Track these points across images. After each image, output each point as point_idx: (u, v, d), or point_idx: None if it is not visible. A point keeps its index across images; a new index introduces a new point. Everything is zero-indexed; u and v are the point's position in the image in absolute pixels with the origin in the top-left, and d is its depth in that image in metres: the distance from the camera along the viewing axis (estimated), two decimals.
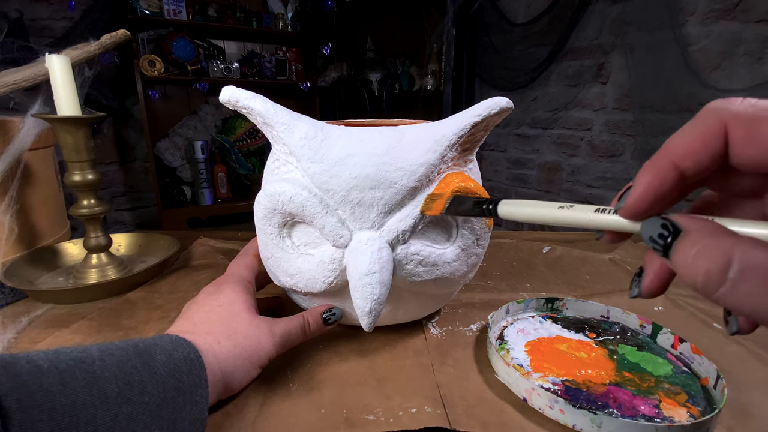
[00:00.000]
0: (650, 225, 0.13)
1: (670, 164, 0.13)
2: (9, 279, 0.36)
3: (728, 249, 0.11)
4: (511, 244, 0.54)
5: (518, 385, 0.25)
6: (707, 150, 0.13)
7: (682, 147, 0.13)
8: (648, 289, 0.14)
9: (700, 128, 0.13)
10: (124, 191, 1.77)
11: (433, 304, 0.32)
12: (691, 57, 1.03)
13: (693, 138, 0.13)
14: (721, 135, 0.12)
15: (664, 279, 0.14)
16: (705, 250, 0.11)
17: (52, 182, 0.47)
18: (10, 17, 1.30)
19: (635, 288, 0.14)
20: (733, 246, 0.11)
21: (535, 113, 1.54)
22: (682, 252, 0.12)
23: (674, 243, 0.12)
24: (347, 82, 2.02)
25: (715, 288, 0.11)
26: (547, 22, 1.41)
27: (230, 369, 0.23)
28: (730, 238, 0.11)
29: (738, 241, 0.11)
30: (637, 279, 0.15)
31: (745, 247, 0.10)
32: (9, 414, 0.14)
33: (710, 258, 0.11)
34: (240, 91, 0.25)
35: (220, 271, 0.31)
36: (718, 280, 0.11)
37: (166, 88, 1.78)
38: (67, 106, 0.35)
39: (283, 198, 0.24)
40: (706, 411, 0.23)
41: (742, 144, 0.12)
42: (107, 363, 0.18)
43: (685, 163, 0.13)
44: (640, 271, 0.14)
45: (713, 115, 0.13)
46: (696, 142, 0.13)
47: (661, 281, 0.14)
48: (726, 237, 0.11)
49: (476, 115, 0.24)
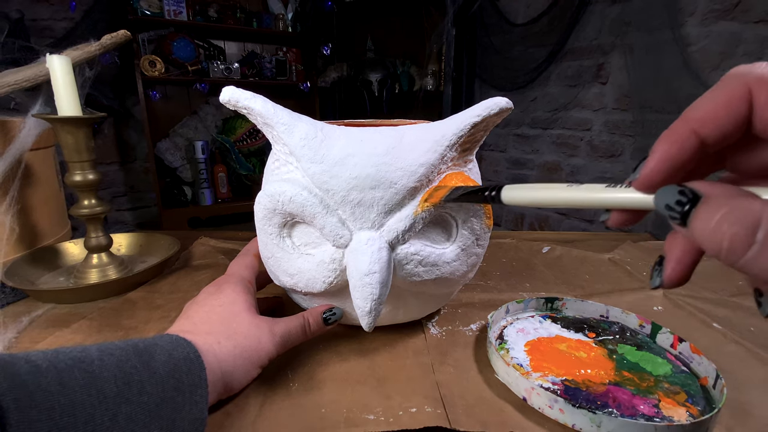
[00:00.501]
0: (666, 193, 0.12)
1: (689, 131, 0.12)
2: (10, 279, 0.36)
3: (755, 211, 0.10)
4: (511, 244, 0.54)
5: (518, 385, 0.25)
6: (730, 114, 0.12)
7: (703, 112, 0.12)
8: (670, 278, 0.13)
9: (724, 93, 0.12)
10: (125, 191, 1.78)
11: (433, 304, 0.32)
12: (690, 57, 1.03)
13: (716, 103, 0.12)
14: (745, 99, 0.12)
15: (687, 266, 0.13)
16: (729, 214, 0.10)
17: (52, 182, 0.47)
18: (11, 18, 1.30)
19: (656, 278, 0.13)
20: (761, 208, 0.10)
21: (534, 113, 1.54)
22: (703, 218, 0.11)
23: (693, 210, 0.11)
24: (347, 83, 2.02)
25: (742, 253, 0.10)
26: (547, 22, 1.41)
27: (230, 369, 0.23)
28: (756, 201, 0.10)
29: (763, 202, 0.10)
30: (658, 268, 0.13)
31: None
32: (7, 414, 0.14)
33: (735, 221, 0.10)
34: (240, 91, 0.25)
35: (221, 271, 0.31)
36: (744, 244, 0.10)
37: (166, 88, 1.78)
38: (68, 107, 0.36)
39: (284, 198, 0.24)
40: (705, 410, 0.23)
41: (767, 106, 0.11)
42: (106, 363, 0.18)
43: (705, 129, 0.12)
44: (660, 260, 0.13)
45: (737, 79, 0.12)
46: (719, 106, 0.12)
47: (684, 268, 0.13)
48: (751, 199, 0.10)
49: (476, 116, 0.24)
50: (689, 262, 0.13)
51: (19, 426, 0.14)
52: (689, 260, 0.13)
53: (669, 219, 0.12)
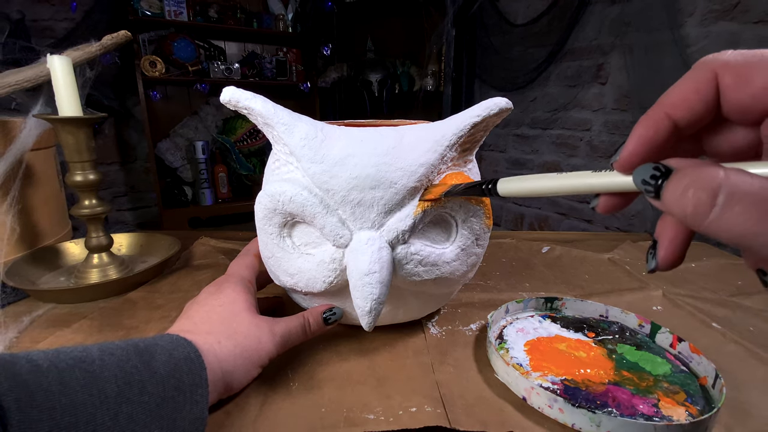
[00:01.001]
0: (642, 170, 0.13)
1: (663, 115, 0.13)
2: (11, 279, 0.36)
3: (716, 178, 0.11)
4: (511, 244, 0.54)
5: (517, 385, 0.25)
6: (699, 98, 0.13)
7: (674, 97, 0.13)
8: (665, 260, 0.14)
9: (692, 78, 0.13)
10: (126, 191, 1.78)
11: (432, 303, 0.32)
12: (689, 58, 1.03)
13: (685, 88, 0.13)
14: (711, 83, 0.13)
15: (679, 247, 0.14)
16: (694, 182, 0.11)
17: (53, 182, 0.47)
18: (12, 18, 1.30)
19: (651, 261, 0.14)
20: (721, 175, 0.11)
21: (534, 114, 1.54)
22: (672, 188, 0.12)
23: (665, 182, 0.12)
24: (347, 83, 2.02)
25: (704, 216, 0.11)
26: (547, 22, 1.41)
27: (231, 368, 0.23)
28: (719, 169, 0.11)
29: (726, 171, 0.11)
30: (652, 251, 0.14)
31: (733, 174, 0.11)
32: (8, 414, 0.14)
33: (699, 187, 0.11)
34: (240, 91, 0.25)
35: (221, 270, 0.31)
36: (707, 207, 0.11)
37: (167, 88, 1.78)
38: (69, 107, 0.36)
39: (284, 198, 0.24)
40: (704, 410, 0.23)
41: (732, 89, 0.12)
42: (107, 362, 0.18)
43: (677, 112, 0.13)
44: (654, 244, 0.14)
45: (704, 66, 0.13)
46: (688, 91, 0.13)
47: (677, 249, 0.14)
48: (715, 168, 0.11)
49: (476, 116, 0.24)
50: (680, 243, 0.13)
51: (20, 426, 0.15)
52: (680, 241, 0.13)
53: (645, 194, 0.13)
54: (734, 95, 0.12)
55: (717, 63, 0.13)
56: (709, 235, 0.11)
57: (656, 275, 0.44)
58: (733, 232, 0.11)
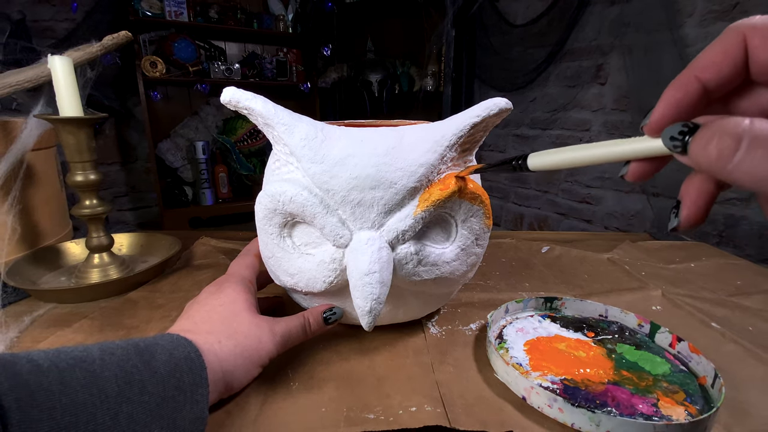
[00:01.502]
0: (670, 129, 0.13)
1: (692, 78, 0.14)
2: (12, 278, 0.36)
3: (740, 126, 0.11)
4: (510, 244, 0.54)
5: (517, 384, 0.25)
6: (728, 60, 0.13)
7: (704, 60, 0.14)
8: (688, 218, 0.14)
9: (722, 41, 0.13)
10: (126, 191, 1.78)
11: (432, 303, 0.32)
12: (689, 58, 1.02)
13: (714, 51, 0.14)
14: (740, 45, 0.13)
15: (702, 207, 0.14)
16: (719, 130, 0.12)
17: (54, 182, 0.47)
18: (13, 18, 1.30)
19: (674, 219, 0.15)
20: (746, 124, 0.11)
21: (534, 114, 1.54)
22: (699, 141, 0.12)
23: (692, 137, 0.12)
24: (347, 83, 2.02)
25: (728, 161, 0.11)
26: (546, 23, 1.41)
27: (231, 368, 0.23)
28: (743, 120, 0.11)
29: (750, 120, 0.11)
30: (675, 211, 0.15)
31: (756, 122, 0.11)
32: (8, 413, 0.14)
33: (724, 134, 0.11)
34: (241, 92, 0.25)
35: (222, 270, 0.31)
36: (731, 150, 0.11)
37: (167, 89, 1.78)
38: (70, 107, 0.36)
39: (284, 198, 0.25)
40: (703, 410, 0.23)
41: (760, 50, 0.13)
42: (107, 362, 0.18)
43: (706, 74, 0.13)
44: (677, 203, 0.15)
45: (733, 30, 0.13)
46: (717, 53, 0.13)
47: (699, 209, 0.14)
48: (739, 120, 0.12)
49: (475, 116, 0.24)
50: (704, 203, 0.14)
51: (20, 425, 0.15)
52: (704, 201, 0.14)
53: (672, 150, 0.13)
54: (763, 56, 0.13)
55: (746, 26, 0.13)
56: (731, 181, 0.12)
57: (655, 275, 0.45)
58: (755, 176, 0.11)
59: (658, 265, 0.48)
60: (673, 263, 0.48)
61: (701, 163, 0.12)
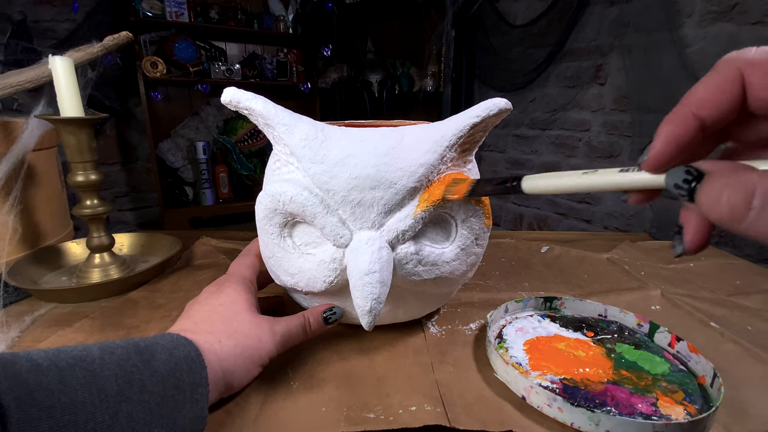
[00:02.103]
0: (674, 173, 0.13)
1: (689, 114, 0.14)
2: (13, 278, 0.37)
3: (750, 181, 0.11)
4: (510, 244, 0.54)
5: (517, 384, 0.25)
6: (725, 96, 0.13)
7: (699, 96, 0.13)
8: (692, 244, 0.14)
9: (717, 77, 0.13)
10: (127, 191, 1.78)
11: (432, 303, 0.32)
12: (688, 58, 1.03)
13: (710, 87, 0.13)
14: (737, 81, 0.13)
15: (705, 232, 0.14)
16: (728, 186, 0.12)
17: (55, 182, 0.47)
18: (14, 19, 1.30)
19: (678, 246, 0.14)
20: (756, 178, 0.11)
21: (533, 114, 1.54)
22: (707, 192, 0.12)
23: (698, 185, 0.12)
24: (347, 84, 2.02)
25: (741, 219, 0.11)
26: (546, 23, 1.41)
27: (231, 368, 0.23)
28: (752, 173, 0.11)
29: (760, 173, 0.11)
30: (678, 237, 0.14)
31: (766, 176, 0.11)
32: (7, 412, 0.14)
33: (734, 191, 0.11)
34: (241, 92, 0.25)
35: (222, 270, 0.32)
36: (742, 211, 0.11)
37: (168, 89, 1.78)
38: (70, 108, 0.36)
39: (284, 198, 0.25)
40: (702, 409, 0.23)
41: (760, 87, 0.13)
42: (107, 361, 0.18)
43: (704, 111, 0.13)
44: (679, 229, 0.14)
45: (728, 64, 0.13)
46: (714, 90, 0.13)
47: (703, 234, 0.14)
48: (747, 171, 0.11)
49: (475, 116, 0.25)
50: (707, 228, 0.14)
51: (19, 424, 0.15)
52: (706, 227, 0.14)
53: (679, 196, 0.13)
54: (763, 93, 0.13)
55: (742, 61, 0.13)
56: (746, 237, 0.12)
57: (655, 275, 0.45)
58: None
59: (658, 264, 0.48)
60: (672, 263, 0.48)
61: (712, 216, 0.12)
